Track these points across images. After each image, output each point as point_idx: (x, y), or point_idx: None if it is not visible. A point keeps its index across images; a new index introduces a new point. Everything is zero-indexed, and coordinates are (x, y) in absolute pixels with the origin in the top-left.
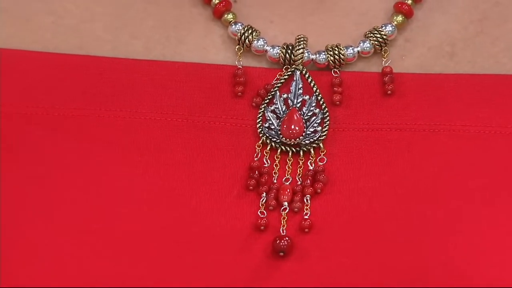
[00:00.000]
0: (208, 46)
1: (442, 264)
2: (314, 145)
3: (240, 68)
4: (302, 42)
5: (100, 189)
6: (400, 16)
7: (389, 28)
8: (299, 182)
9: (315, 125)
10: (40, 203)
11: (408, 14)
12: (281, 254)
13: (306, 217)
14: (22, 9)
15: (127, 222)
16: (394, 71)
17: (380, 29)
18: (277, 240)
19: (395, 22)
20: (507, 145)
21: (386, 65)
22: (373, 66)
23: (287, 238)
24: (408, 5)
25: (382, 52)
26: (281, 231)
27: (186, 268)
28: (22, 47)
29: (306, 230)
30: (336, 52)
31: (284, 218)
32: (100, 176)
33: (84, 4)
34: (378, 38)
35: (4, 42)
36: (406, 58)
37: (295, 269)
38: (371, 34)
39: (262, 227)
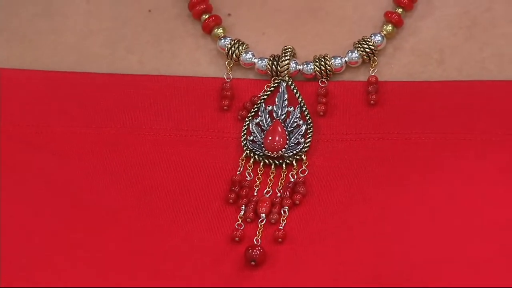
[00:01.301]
0: (199, 60)
1: (421, 274)
2: (297, 157)
3: (227, 81)
4: (288, 53)
5: (88, 203)
6: (390, 25)
7: (377, 38)
8: (279, 194)
9: (298, 136)
10: (36, 217)
11: (397, 24)
12: (252, 263)
13: (280, 227)
14: (28, 29)
15: (111, 233)
16: (383, 79)
17: (368, 39)
18: (249, 250)
19: (385, 32)
20: (492, 152)
21: (372, 74)
22: (362, 75)
23: (259, 248)
24: (398, 14)
25: (371, 62)
26: (255, 241)
27: (159, 279)
28: (25, 66)
29: (280, 240)
30: (323, 63)
31: (260, 229)
32: (86, 191)
33: (84, 20)
34: (366, 49)
35: (8, 62)
36: (394, 66)
37: (266, 278)
38: (359, 45)
39: (236, 239)
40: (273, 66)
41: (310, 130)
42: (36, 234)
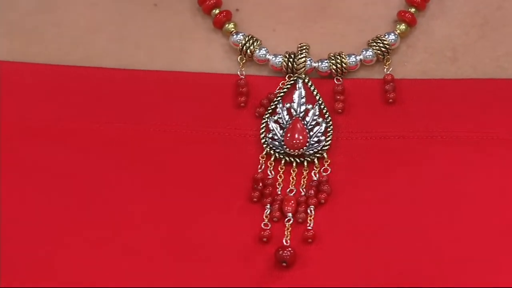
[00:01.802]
0: (210, 56)
1: (449, 274)
2: (317, 155)
3: (242, 78)
4: (304, 50)
5: (104, 201)
6: (403, 24)
7: (392, 36)
8: (303, 193)
9: (319, 134)
10: (44, 214)
11: (411, 23)
12: (284, 264)
13: (309, 227)
14: (28, 21)
15: (130, 233)
16: (396, 77)
17: (383, 38)
18: (279, 251)
19: (398, 31)
20: (510, 152)
21: (388, 73)
22: (376, 74)
23: (289, 249)
24: (411, 14)
25: (384, 60)
26: (284, 242)
27: (189, 279)
28: (27, 59)
29: (309, 240)
30: (339, 60)
31: (288, 229)
32: (104, 188)
33: (89, 14)
34: (381, 47)
35: (10, 55)
36: (407, 64)
37: (297, 279)
38: (374, 43)
39: (264, 239)
40: (289, 63)
41: (330, 128)
42: (50, 230)
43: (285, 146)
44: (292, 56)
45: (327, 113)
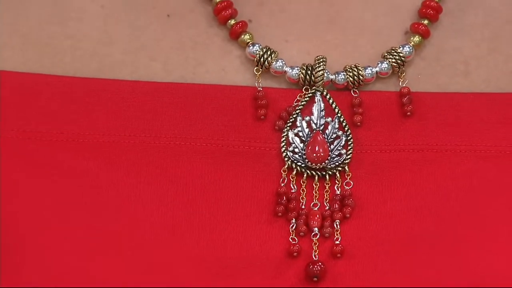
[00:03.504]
0: (226, 67)
1: (476, 284)
2: (339, 168)
3: (260, 90)
4: (321, 63)
5: (126, 215)
6: (417, 36)
7: (407, 49)
8: (327, 207)
9: (340, 148)
10: (54, 218)
11: (425, 35)
12: (315, 279)
13: (337, 242)
14: (40, 33)
15: (153, 248)
16: (412, 89)
17: (398, 50)
18: (310, 266)
19: (412, 43)
20: None
21: (404, 85)
22: (391, 86)
23: (320, 264)
24: (425, 26)
25: (399, 73)
26: (313, 257)
27: None
28: (42, 71)
29: (338, 255)
30: (356, 73)
31: (315, 243)
32: (126, 202)
33: (101, 27)
34: (397, 60)
35: (24, 66)
36: (421, 77)
37: None
38: (390, 55)
39: (295, 253)
40: (307, 76)
41: (351, 142)
42: (58, 235)
43: (306, 160)
44: (310, 68)
45: (347, 126)
